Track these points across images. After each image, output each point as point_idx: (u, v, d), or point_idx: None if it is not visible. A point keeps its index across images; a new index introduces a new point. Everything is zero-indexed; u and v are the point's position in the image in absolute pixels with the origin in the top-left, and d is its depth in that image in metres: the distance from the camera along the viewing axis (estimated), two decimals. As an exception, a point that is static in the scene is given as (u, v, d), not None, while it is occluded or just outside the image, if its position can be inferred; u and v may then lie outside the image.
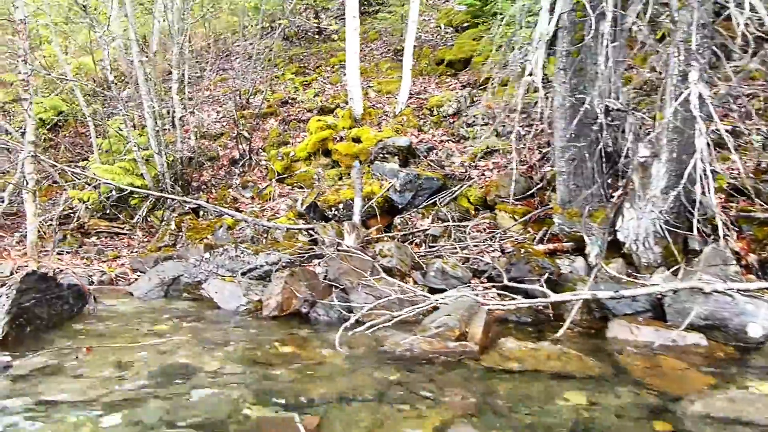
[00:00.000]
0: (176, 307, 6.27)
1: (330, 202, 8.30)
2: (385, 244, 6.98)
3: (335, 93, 11.92)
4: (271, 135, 11.25)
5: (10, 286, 4.73)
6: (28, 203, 6.93)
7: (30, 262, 6.99)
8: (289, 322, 5.73)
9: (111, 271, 7.85)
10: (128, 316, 5.94)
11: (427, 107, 10.58)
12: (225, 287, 6.21)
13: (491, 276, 6.59)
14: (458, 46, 12.19)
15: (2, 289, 4.73)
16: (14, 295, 4.66)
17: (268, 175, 10.56)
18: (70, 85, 14.31)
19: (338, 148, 9.96)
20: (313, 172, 10.16)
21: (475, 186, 8.14)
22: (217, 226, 8.71)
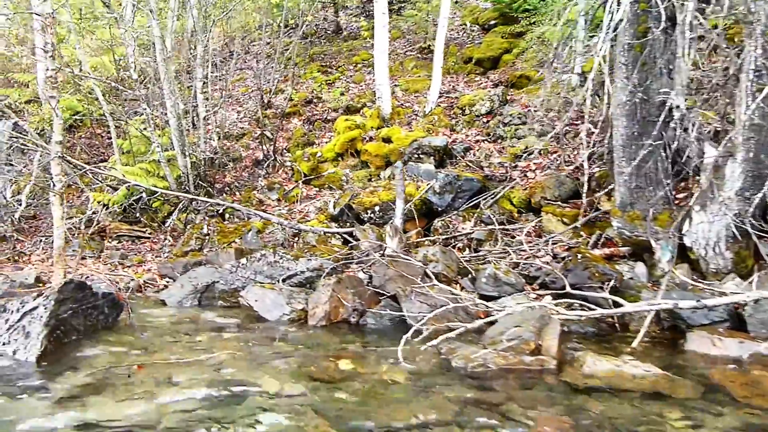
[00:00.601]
0: (214, 317, 5.91)
1: (365, 205, 7.94)
2: (429, 249, 6.62)
3: (360, 92, 11.57)
4: (296, 135, 10.90)
5: (48, 297, 4.36)
6: (54, 206, 6.56)
7: (56, 269, 6.62)
8: (338, 333, 5.38)
9: (138, 276, 7.49)
10: (165, 326, 5.58)
11: (458, 106, 10.22)
12: (266, 295, 5.84)
13: (545, 282, 6.22)
14: (486, 44, 11.83)
15: (39, 300, 4.36)
16: (52, 306, 4.30)
17: (293, 176, 10.21)
18: (87, 85, 14.00)
19: (368, 149, 9.61)
20: (341, 173, 9.81)
21: (518, 187, 7.77)
22: (246, 230, 8.35)
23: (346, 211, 8.18)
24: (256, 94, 12.40)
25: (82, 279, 5.16)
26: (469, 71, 11.54)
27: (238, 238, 8.49)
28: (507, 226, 7.20)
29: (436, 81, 10.25)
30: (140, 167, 10.05)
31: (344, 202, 8.21)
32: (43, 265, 8.60)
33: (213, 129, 10.24)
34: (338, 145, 9.91)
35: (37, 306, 4.34)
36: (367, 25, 14.51)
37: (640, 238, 6.03)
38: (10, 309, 4.56)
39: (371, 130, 10.12)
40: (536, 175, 7.97)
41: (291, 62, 12.46)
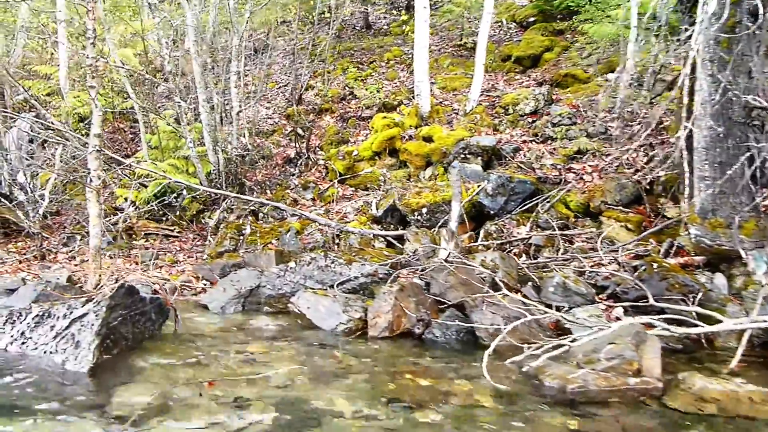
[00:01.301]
0: (263, 325, 5.51)
1: (412, 206, 7.53)
2: (488, 254, 6.20)
3: (395, 89, 11.15)
4: (329, 133, 10.49)
5: (98, 303, 3.96)
6: (91, 203, 6.17)
7: (91, 269, 6.23)
8: (404, 346, 4.97)
9: (174, 278, 7.09)
10: (213, 335, 5.18)
11: (500, 105, 9.81)
12: (320, 302, 5.43)
13: (615, 293, 5.79)
14: (526, 42, 11.41)
15: (89, 306, 3.96)
16: (104, 313, 3.90)
17: (328, 175, 9.81)
18: (110, 78, 13.63)
19: (408, 148, 9.20)
20: (378, 173, 9.40)
21: (575, 191, 7.34)
22: (284, 230, 7.94)
23: (390, 213, 7.77)
24: (285, 89, 12.00)
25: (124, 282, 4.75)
26: (508, 69, 11.12)
27: (275, 239, 8.09)
28: (566, 232, 6.77)
29: (477, 79, 9.83)
30: (169, 163, 9.66)
31: (388, 204, 7.80)
32: (71, 263, 8.22)
33: (244, 125, 9.84)
34: (376, 144, 9.50)
35: (87, 312, 3.94)
36: (399, 22, 14.11)
37: (721, 248, 5.60)
38: (56, 314, 4.16)
39: (409, 128, 9.71)
40: (593, 178, 7.54)
41: (323, 57, 12.06)
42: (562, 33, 11.63)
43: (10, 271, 7.67)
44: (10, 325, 4.37)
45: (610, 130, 8.42)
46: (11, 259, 8.27)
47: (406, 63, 12.27)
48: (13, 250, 8.70)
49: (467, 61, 11.74)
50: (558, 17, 11.98)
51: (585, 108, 8.94)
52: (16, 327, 4.31)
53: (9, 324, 4.37)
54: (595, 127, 8.44)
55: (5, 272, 7.62)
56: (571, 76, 9.97)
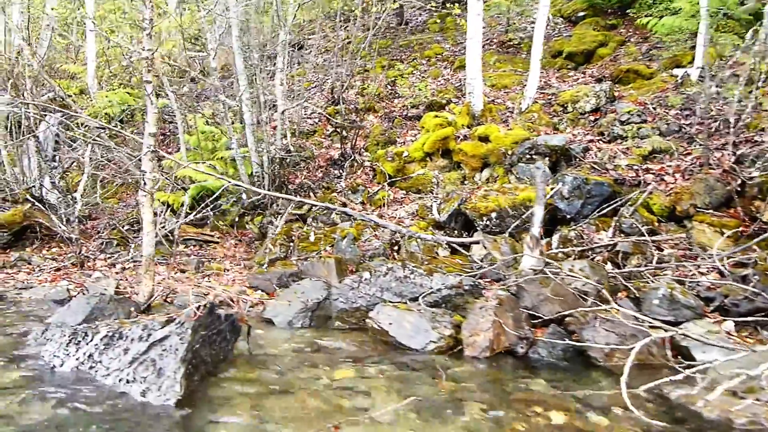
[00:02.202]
0: (341, 344, 4.97)
1: (481, 210, 6.98)
2: (575, 263, 5.66)
3: (440, 87, 10.62)
4: (374, 133, 9.97)
5: (182, 324, 3.43)
6: (145, 208, 5.66)
7: (144, 279, 5.71)
8: (507, 367, 4.43)
9: (227, 289, 6.57)
10: (289, 356, 4.65)
11: (558, 103, 9.25)
12: (403, 317, 4.90)
13: (723, 305, 5.24)
14: (578, 37, 10.87)
15: (171, 328, 3.44)
16: (189, 337, 3.38)
17: (376, 177, 9.28)
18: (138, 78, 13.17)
19: (463, 148, 8.66)
20: (430, 175, 8.86)
21: (657, 193, 6.78)
22: (339, 237, 7.41)
23: (454, 218, 7.23)
24: (322, 88, 11.48)
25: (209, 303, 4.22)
26: (560, 66, 10.58)
27: (328, 245, 7.57)
28: (657, 237, 6.21)
29: (533, 75, 9.29)
30: (208, 165, 9.16)
31: (452, 208, 7.26)
32: (111, 271, 7.72)
33: (286, 125, 9.33)
34: (428, 144, 8.96)
35: (169, 335, 3.43)
36: (436, 18, 13.59)
37: None
38: (129, 336, 3.64)
39: (462, 128, 9.17)
40: (675, 179, 6.98)
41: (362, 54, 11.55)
42: (615, 27, 11.08)
43: (50, 279, 7.18)
44: (75, 346, 3.86)
45: (684, 128, 7.85)
46: (48, 266, 7.77)
47: (449, 60, 11.75)
48: (48, 256, 8.20)
49: (514, 58, 11.21)
50: (609, 11, 11.43)
51: (653, 105, 8.38)
52: (83, 348, 3.80)
53: (74, 345, 3.86)
54: (668, 125, 7.87)
55: (44, 281, 7.13)
56: (633, 72, 9.41)
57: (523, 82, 10.31)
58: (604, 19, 11.30)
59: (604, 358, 4.41)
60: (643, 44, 10.24)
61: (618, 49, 10.42)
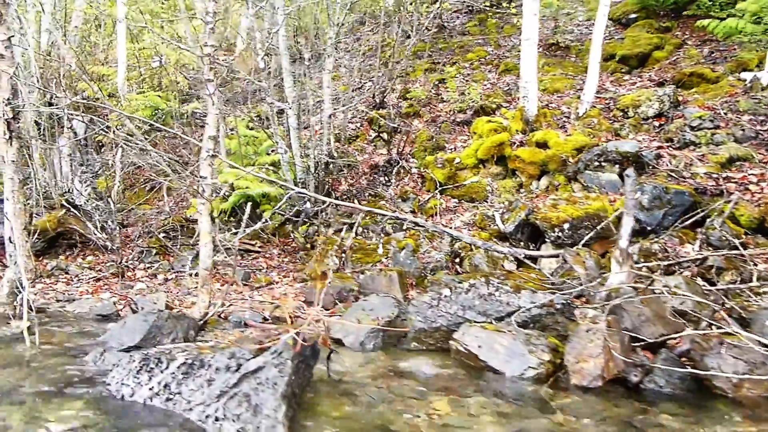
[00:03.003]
0: (425, 369, 4.51)
1: (552, 221, 6.51)
2: (670, 279, 5.17)
3: (486, 91, 10.16)
4: (420, 138, 9.52)
5: (279, 353, 2.97)
6: (203, 217, 5.22)
7: (201, 294, 5.27)
8: (622, 398, 3.96)
9: (283, 303, 6.12)
10: (373, 383, 4.19)
11: (617, 107, 8.77)
12: (494, 339, 4.42)
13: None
14: (631, 40, 10.39)
15: (267, 357, 2.99)
16: (290, 369, 2.92)
17: (425, 185, 8.82)
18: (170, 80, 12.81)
19: (520, 155, 8.20)
20: (484, 182, 8.40)
21: (743, 203, 6.29)
22: (395, 248, 6.95)
23: (521, 228, 6.76)
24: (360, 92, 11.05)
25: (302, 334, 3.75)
26: (613, 69, 10.11)
27: (384, 257, 7.11)
28: (756, 251, 5.71)
29: (591, 79, 8.82)
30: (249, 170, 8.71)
31: (518, 218, 6.79)
32: (153, 282, 7.29)
33: (332, 129, 8.89)
34: (482, 150, 8.50)
35: (264, 366, 2.98)
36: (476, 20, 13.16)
37: None
38: (212, 364, 3.19)
39: (515, 133, 8.71)
40: (762, 189, 6.48)
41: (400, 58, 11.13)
42: (669, 30, 10.60)
43: (91, 291, 6.76)
44: (147, 373, 3.41)
45: (761, 134, 7.36)
46: (87, 276, 7.36)
47: (493, 63, 11.30)
48: (86, 265, 7.79)
49: (563, 61, 10.75)
50: (662, 13, 10.95)
51: (724, 110, 7.89)
52: (157, 377, 3.34)
53: (145, 372, 3.41)
54: (744, 131, 7.38)
55: (85, 292, 6.70)
56: (697, 76, 8.92)
57: (576, 86, 9.86)
58: (657, 22, 10.82)
59: (733, 389, 3.92)
60: (703, 47, 9.76)
61: (675, 52, 9.94)
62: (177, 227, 8.94)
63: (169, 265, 7.79)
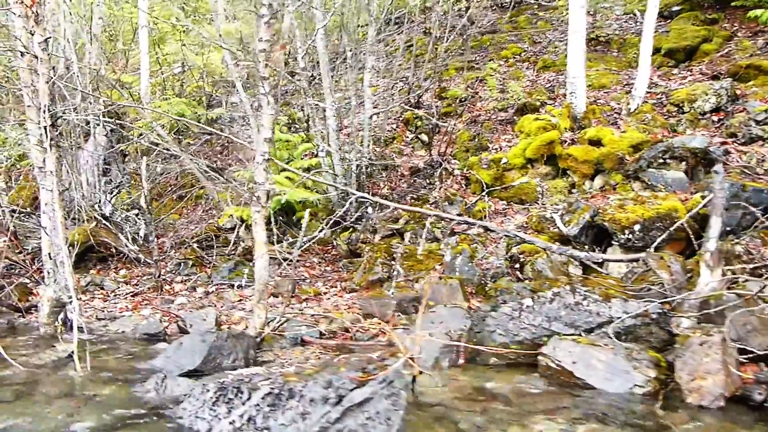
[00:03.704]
0: (513, 387, 4.07)
1: (622, 222, 6.08)
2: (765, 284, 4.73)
3: (527, 89, 9.74)
4: (461, 139, 9.12)
5: (390, 383, 2.58)
6: (258, 226, 4.82)
7: (257, 309, 4.87)
8: (748, 420, 3.52)
9: (338, 315, 5.72)
10: (463, 405, 3.78)
11: (671, 102, 8.34)
12: (591, 355, 4.01)
13: None
14: (677, 33, 9.96)
15: (374, 387, 2.59)
16: (403, 400, 2.51)
17: (470, 187, 8.41)
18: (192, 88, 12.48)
19: (572, 153, 7.77)
20: (534, 183, 7.98)
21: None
22: (451, 254, 6.54)
23: (585, 231, 6.33)
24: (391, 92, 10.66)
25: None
26: (659, 63, 9.66)
27: (438, 264, 6.71)
28: None
29: (643, 73, 8.39)
30: (286, 176, 8.35)
31: (582, 219, 6.36)
32: (193, 295, 6.91)
33: (371, 131, 8.51)
34: (531, 149, 8.08)
35: (372, 397, 2.57)
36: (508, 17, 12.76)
37: None
38: (306, 395, 2.80)
39: (563, 131, 8.29)
40: None
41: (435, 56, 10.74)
42: (716, 22, 10.16)
43: (131, 307, 6.38)
44: (226, 405, 3.01)
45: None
46: (123, 291, 6.98)
47: (530, 60, 10.89)
48: (120, 279, 7.41)
49: (605, 56, 10.33)
50: (706, 5, 10.51)
51: (790, 102, 7.44)
52: (237, 409, 2.95)
53: (223, 404, 3.02)
54: (815, 124, 6.93)
55: (125, 309, 6.33)
56: (755, 68, 8.46)
57: (622, 81, 9.43)
58: (702, 13, 10.38)
59: None
60: (756, 38, 9.30)
61: (725, 44, 9.48)
62: (211, 237, 8.56)
63: (208, 277, 7.41)
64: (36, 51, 4.88)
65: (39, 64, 4.90)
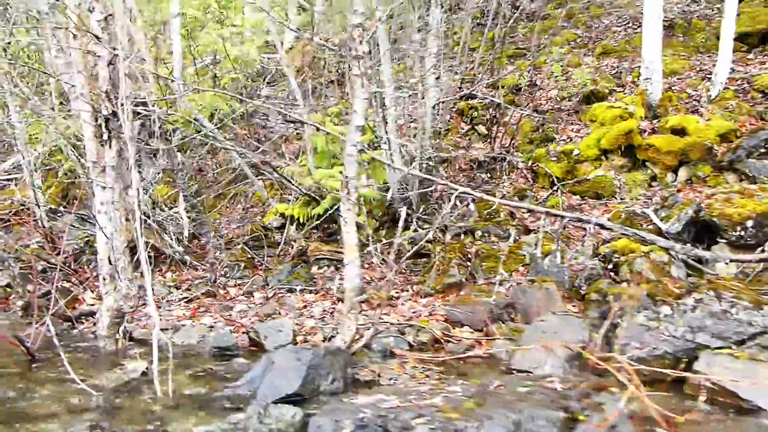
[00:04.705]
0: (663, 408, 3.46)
1: (733, 218, 5.47)
2: None
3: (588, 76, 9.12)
4: (524, 130, 8.51)
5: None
6: (348, 226, 4.24)
7: (347, 320, 4.30)
8: None
9: (424, 324, 5.15)
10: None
11: (755, 88, 7.73)
12: (758, 372, 3.41)
13: None
14: (748, 16, 9.30)
15: None
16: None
17: (538, 180, 7.82)
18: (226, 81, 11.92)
19: (653, 143, 7.18)
20: (610, 177, 7.39)
21: None
22: (535, 253, 5.96)
23: (689, 227, 5.73)
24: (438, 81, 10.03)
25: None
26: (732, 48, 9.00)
27: (520, 265, 6.13)
28: None
29: (724, 58, 7.80)
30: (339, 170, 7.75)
31: (685, 215, 5.75)
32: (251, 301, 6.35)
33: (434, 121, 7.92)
34: (606, 140, 7.49)
35: None
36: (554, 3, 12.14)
37: None
38: None
39: (638, 120, 7.69)
40: None
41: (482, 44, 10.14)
42: (791, 2, 9.52)
43: (189, 315, 5.83)
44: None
45: None
46: (176, 297, 6.44)
47: (588, 47, 10.27)
48: (170, 283, 6.87)
49: (671, 41, 9.67)
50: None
51: None
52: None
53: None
54: None
55: (183, 317, 5.78)
56: None
57: (695, 66, 8.81)
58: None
59: None
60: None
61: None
62: (260, 236, 8.00)
63: (264, 280, 6.85)
64: (95, 30, 4.32)
65: (99, 45, 4.34)
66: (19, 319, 5.95)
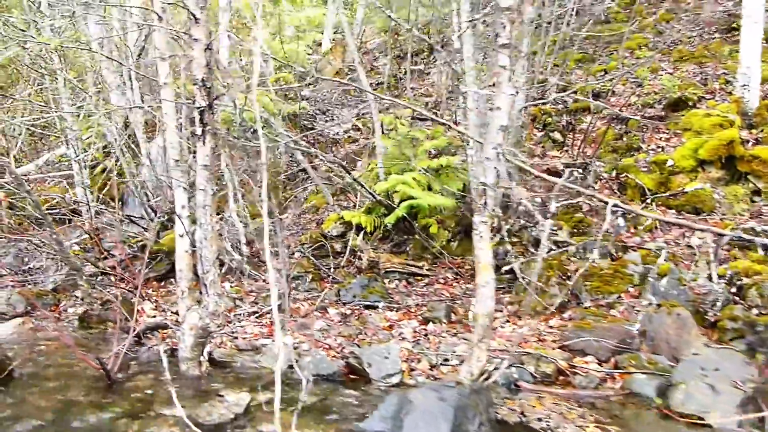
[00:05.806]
0: None
1: None
2: None
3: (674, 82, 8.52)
4: (606, 138, 7.90)
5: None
6: (483, 241, 3.65)
7: (478, 349, 3.69)
8: None
9: (543, 353, 4.54)
10: None
11: None
12: None
13: None
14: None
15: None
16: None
17: (626, 192, 7.21)
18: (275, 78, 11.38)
19: (759, 155, 6.60)
20: (709, 190, 6.77)
21: None
22: (653, 273, 5.36)
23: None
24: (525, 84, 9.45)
25: None
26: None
27: (629, 285, 5.53)
28: None
29: (831, 62, 7.17)
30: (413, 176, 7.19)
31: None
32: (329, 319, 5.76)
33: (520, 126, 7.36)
34: (706, 150, 6.87)
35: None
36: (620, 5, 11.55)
37: None
38: None
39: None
40: None
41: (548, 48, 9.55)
42: None
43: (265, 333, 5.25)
44: None
45: None
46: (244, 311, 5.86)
47: (663, 52, 9.66)
48: (233, 294, 6.30)
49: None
50: None
51: None
52: None
53: None
54: None
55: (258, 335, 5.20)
56: None
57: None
58: None
59: None
60: None
61: None
62: (325, 245, 7.43)
63: (336, 294, 6.27)
64: (193, 10, 3.76)
65: (197, 27, 3.78)
66: (77, 329, 5.43)
